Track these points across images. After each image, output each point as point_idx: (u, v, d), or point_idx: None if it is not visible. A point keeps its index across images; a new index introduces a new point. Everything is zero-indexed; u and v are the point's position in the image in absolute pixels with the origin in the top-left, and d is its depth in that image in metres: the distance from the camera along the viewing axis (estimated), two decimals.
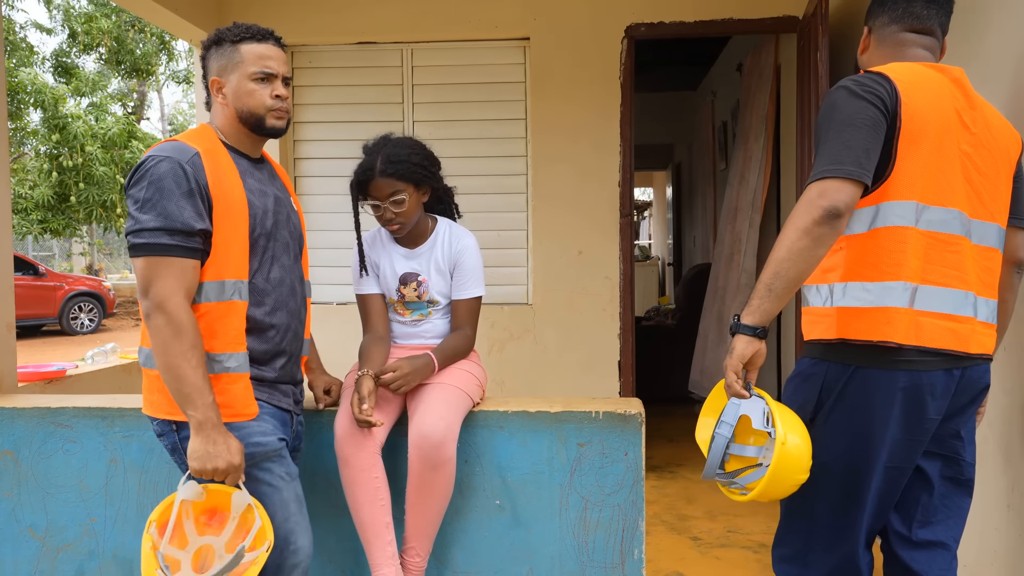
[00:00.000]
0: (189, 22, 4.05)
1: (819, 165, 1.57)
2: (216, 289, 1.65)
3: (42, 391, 3.31)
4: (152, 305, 1.58)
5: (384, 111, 4.33)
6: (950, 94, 1.65)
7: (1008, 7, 2.09)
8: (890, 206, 1.60)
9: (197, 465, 1.58)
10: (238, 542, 1.61)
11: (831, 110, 1.61)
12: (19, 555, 2.21)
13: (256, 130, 1.77)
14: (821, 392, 1.66)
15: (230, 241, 1.67)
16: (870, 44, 1.80)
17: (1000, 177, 1.69)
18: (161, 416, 1.68)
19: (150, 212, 1.58)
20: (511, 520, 2.08)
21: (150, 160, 1.61)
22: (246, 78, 1.73)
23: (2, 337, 2.64)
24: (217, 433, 1.58)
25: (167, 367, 1.57)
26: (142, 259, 1.59)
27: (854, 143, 1.55)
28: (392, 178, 2.04)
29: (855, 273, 1.63)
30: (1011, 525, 2.07)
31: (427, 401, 1.98)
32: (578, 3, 4.17)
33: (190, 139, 1.69)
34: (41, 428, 2.19)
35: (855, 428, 1.63)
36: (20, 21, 16.39)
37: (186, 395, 1.57)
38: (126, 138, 13.80)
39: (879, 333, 1.59)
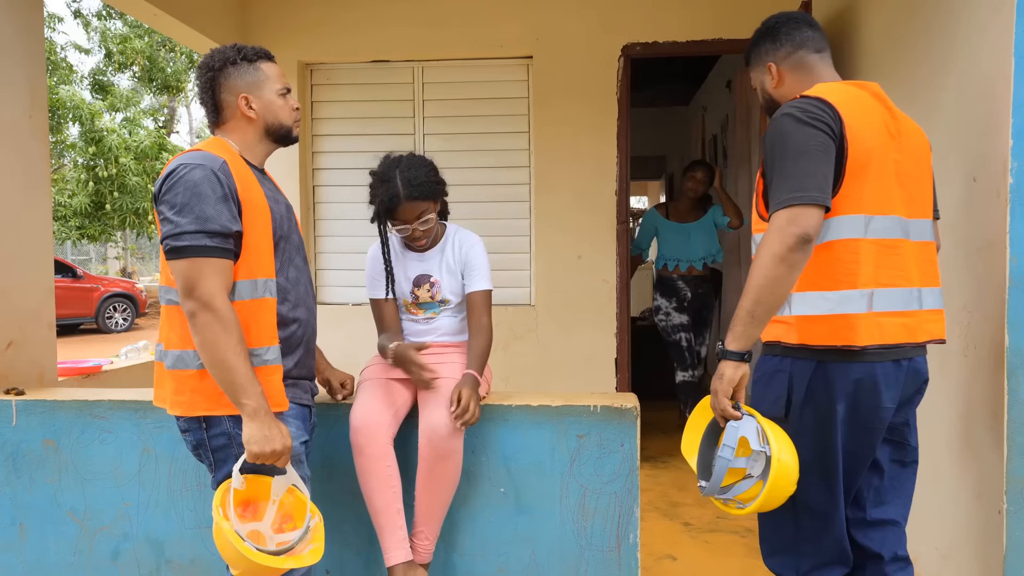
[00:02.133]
0: (216, 42, 4.07)
1: (782, 192, 1.57)
2: (249, 287, 1.64)
3: (80, 385, 3.33)
4: (198, 304, 1.54)
5: (396, 125, 4.34)
6: (876, 109, 1.69)
7: (979, 24, 2.08)
8: (841, 220, 1.62)
9: (256, 449, 1.55)
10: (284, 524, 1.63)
11: (782, 138, 1.60)
12: (60, 536, 2.22)
13: (282, 140, 1.80)
14: (789, 388, 1.67)
15: (259, 242, 1.66)
16: (783, 76, 1.81)
17: (924, 176, 1.76)
18: (196, 414, 1.64)
19: (188, 216, 1.55)
20: (514, 507, 2.08)
21: (182, 168, 1.59)
22: (274, 94, 1.76)
23: (43, 335, 2.66)
24: (270, 419, 1.57)
25: (218, 362, 1.55)
26: (185, 260, 1.56)
27: (813, 170, 1.56)
28: (417, 200, 2.03)
29: (813, 283, 1.63)
30: (981, 513, 2.06)
31: (437, 395, 1.98)
32: (577, 24, 4.17)
33: (212, 149, 1.67)
34: (80, 419, 2.20)
35: (821, 418, 1.64)
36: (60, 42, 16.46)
37: (240, 386, 1.55)
38: (157, 150, 13.85)
39: (841, 338, 1.60)
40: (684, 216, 4.44)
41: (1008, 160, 1.87)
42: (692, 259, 4.42)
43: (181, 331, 1.63)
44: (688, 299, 4.48)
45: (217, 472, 1.68)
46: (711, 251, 4.43)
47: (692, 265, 4.42)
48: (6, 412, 2.23)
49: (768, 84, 1.84)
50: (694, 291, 4.48)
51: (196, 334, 1.56)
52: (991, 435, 1.99)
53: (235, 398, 1.56)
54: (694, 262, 4.42)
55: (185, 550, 2.18)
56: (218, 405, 1.62)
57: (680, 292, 4.46)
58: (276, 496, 1.64)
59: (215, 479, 1.68)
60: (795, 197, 1.55)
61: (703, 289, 4.51)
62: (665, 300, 4.48)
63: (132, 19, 14.42)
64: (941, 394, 2.34)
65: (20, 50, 2.57)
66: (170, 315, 1.67)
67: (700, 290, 4.49)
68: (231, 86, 1.74)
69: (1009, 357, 1.88)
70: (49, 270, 2.70)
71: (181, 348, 1.64)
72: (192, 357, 1.63)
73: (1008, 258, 1.87)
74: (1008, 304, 1.87)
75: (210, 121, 1.79)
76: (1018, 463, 1.87)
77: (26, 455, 2.22)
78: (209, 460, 1.68)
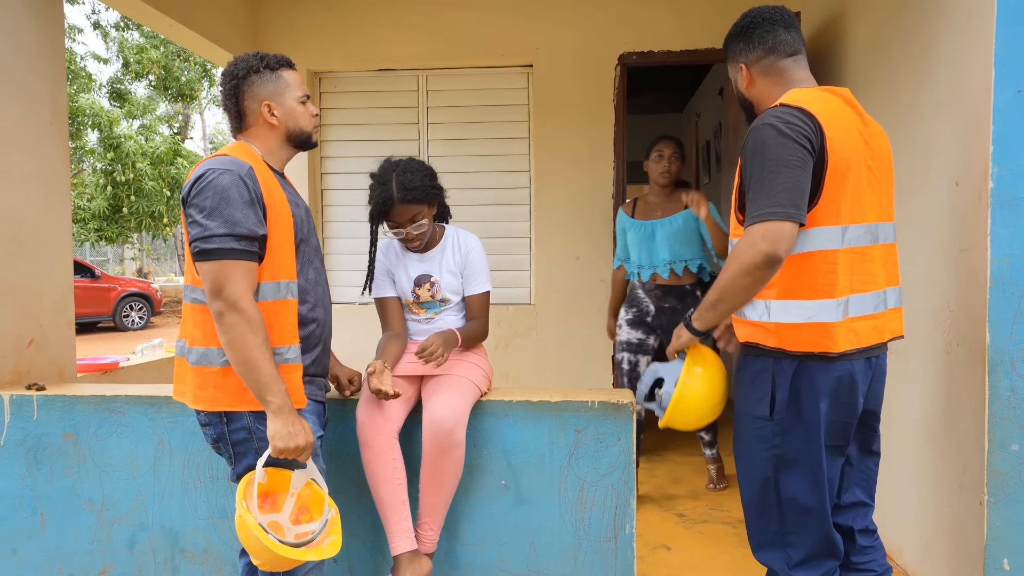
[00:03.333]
0: (229, 52, 4.08)
1: (760, 205, 1.54)
2: (272, 288, 1.64)
3: (98, 381, 3.34)
4: (226, 305, 1.54)
5: (402, 131, 4.35)
6: (851, 116, 1.65)
7: (961, 33, 2.08)
8: (820, 231, 1.59)
9: (281, 444, 1.55)
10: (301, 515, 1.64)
11: (762, 148, 1.56)
12: (79, 526, 2.23)
13: (302, 145, 1.80)
14: (773, 388, 1.65)
15: (282, 246, 1.66)
16: (754, 79, 1.77)
17: (889, 179, 1.74)
18: (219, 409, 1.63)
19: (217, 219, 1.55)
20: (515, 498, 2.08)
21: (211, 173, 1.58)
22: (295, 101, 1.76)
23: (63, 333, 2.67)
24: (293, 415, 1.57)
25: (245, 360, 1.54)
26: (213, 263, 1.55)
27: (791, 184, 1.53)
28: (411, 204, 2.03)
29: (791, 292, 1.61)
30: (962, 502, 2.06)
31: (440, 391, 1.98)
32: (576, 34, 4.17)
33: (238, 155, 1.66)
34: (97, 414, 2.21)
35: (806, 416, 1.63)
36: (80, 52, 16.48)
37: (265, 384, 1.54)
38: (172, 156, 13.89)
39: (818, 345, 1.60)
40: (650, 212, 3.30)
41: (989, 165, 1.87)
42: (655, 264, 3.24)
43: (205, 329, 1.63)
44: (651, 314, 3.26)
45: (236, 465, 1.67)
46: (683, 254, 3.21)
47: (656, 272, 3.24)
48: (28, 407, 2.23)
49: (740, 84, 1.82)
50: (658, 305, 3.25)
51: (223, 333, 1.55)
52: (973, 429, 1.99)
53: (260, 395, 1.55)
54: (658, 268, 3.24)
55: (198, 539, 2.18)
56: (240, 401, 1.62)
57: (640, 304, 3.29)
58: (295, 489, 1.64)
59: (234, 472, 1.67)
60: (771, 212, 1.52)
61: (670, 303, 3.23)
62: (624, 310, 3.36)
63: (149, 30, 14.44)
64: (925, 390, 2.34)
65: (42, 60, 2.58)
66: (194, 313, 1.66)
67: (666, 304, 3.24)
68: (254, 94, 1.73)
69: (990, 354, 1.88)
70: (69, 271, 2.70)
71: (205, 345, 1.63)
72: (216, 354, 1.62)
73: (989, 259, 1.87)
74: (989, 304, 1.87)
75: (233, 127, 1.78)
76: (998, 456, 1.87)
77: (47, 448, 2.23)
78: (229, 453, 1.67)
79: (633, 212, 3.36)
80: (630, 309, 3.34)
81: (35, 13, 2.55)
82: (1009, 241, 1.85)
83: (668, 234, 3.21)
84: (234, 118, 1.76)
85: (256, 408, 1.61)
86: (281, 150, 1.78)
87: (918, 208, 2.38)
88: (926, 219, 2.32)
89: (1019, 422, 1.86)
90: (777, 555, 1.71)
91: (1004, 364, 1.86)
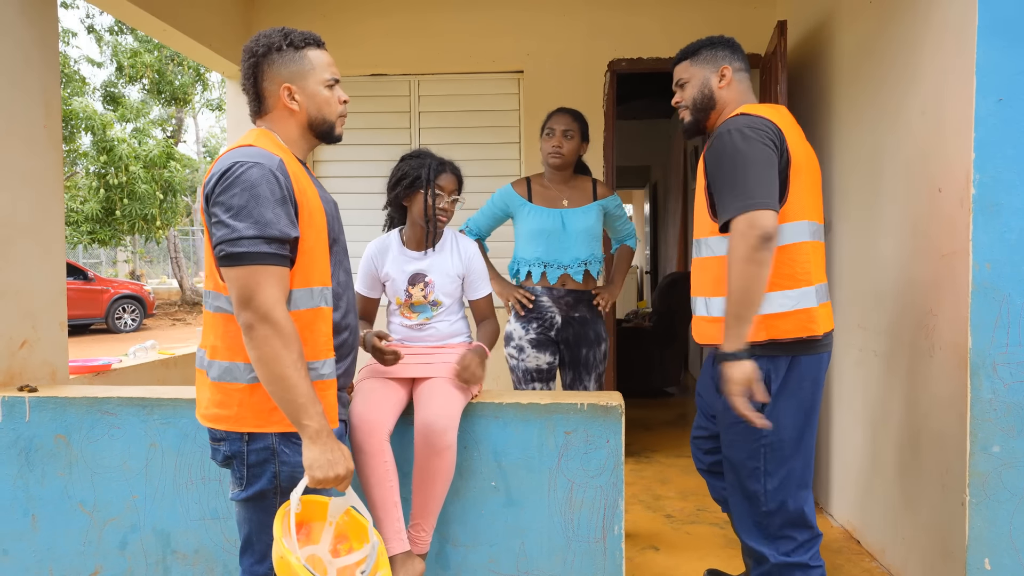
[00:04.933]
0: (222, 56, 4.06)
1: (736, 201, 1.68)
2: (305, 296, 1.45)
3: (90, 383, 3.31)
4: (257, 316, 1.34)
5: (394, 135, 4.34)
6: (795, 125, 1.86)
7: (943, 41, 2.10)
8: (792, 226, 1.75)
9: (320, 475, 1.37)
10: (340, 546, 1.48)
11: (732, 152, 1.71)
12: (71, 527, 2.21)
13: (324, 136, 1.59)
14: (768, 382, 1.77)
15: (315, 247, 1.47)
16: (732, 82, 1.94)
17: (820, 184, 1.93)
18: (244, 430, 1.44)
19: (246, 220, 1.35)
20: (505, 500, 2.08)
21: (238, 166, 1.37)
22: (320, 85, 1.54)
23: (56, 335, 2.64)
24: (332, 440, 1.38)
25: (278, 378, 1.34)
26: (242, 268, 1.34)
27: (763, 179, 1.68)
28: (456, 179, 2.18)
29: (775, 285, 1.73)
30: (944, 502, 2.08)
31: (430, 394, 1.98)
32: (566, 40, 4.18)
33: (265, 145, 1.46)
34: (89, 415, 2.19)
35: (798, 404, 1.78)
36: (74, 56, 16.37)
37: (300, 406, 1.35)
38: (165, 159, 13.80)
39: (806, 330, 1.75)
40: (553, 199, 2.65)
41: (971, 172, 1.89)
42: (566, 264, 2.62)
43: (229, 341, 1.44)
44: (556, 327, 2.64)
45: (248, 488, 1.45)
46: (597, 253, 2.68)
47: (567, 274, 2.63)
48: (19, 408, 2.21)
49: (715, 83, 1.94)
50: (566, 315, 2.64)
51: (253, 348, 1.35)
52: (955, 431, 2.01)
53: (295, 418, 1.37)
54: (570, 269, 2.62)
55: (190, 541, 2.16)
56: (268, 422, 1.43)
57: (544, 315, 2.62)
58: (333, 518, 1.48)
59: (244, 493, 1.46)
60: (749, 204, 1.66)
61: (580, 312, 2.65)
62: (520, 325, 2.63)
63: (142, 34, 14.35)
64: (909, 392, 2.35)
65: (36, 63, 2.56)
66: (216, 322, 1.46)
67: (576, 314, 2.64)
68: (274, 74, 1.52)
69: (972, 358, 1.89)
70: (61, 273, 2.68)
71: (230, 359, 1.44)
72: (243, 370, 1.43)
73: (971, 264, 1.89)
74: (971, 308, 1.89)
75: (252, 110, 1.57)
76: (980, 457, 1.88)
77: (38, 449, 2.20)
78: (241, 475, 1.46)
79: (530, 195, 2.67)
80: (531, 323, 2.62)
81: (28, 16, 2.53)
82: (990, 246, 1.87)
83: (585, 228, 2.62)
84: (253, 100, 1.55)
85: (285, 429, 1.44)
86: (302, 139, 1.57)
87: (902, 213, 2.40)
88: (909, 224, 2.34)
89: (1000, 424, 1.87)
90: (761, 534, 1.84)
91: (986, 367, 1.88)
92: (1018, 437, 1.87)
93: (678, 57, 2.01)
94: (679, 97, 2.00)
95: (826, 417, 3.15)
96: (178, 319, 15.18)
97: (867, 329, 2.70)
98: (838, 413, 3.02)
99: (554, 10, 4.20)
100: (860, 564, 2.60)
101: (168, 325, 14.44)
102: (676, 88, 2.01)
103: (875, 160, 2.63)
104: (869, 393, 2.69)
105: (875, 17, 2.65)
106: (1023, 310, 1.85)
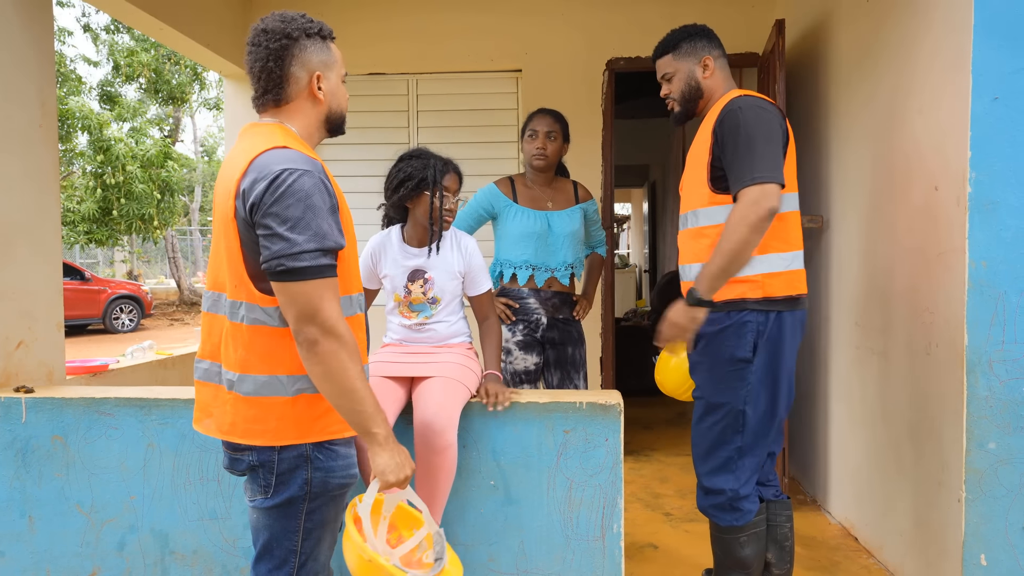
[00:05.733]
0: (220, 56, 4.06)
1: (752, 171, 1.82)
2: (345, 304, 1.43)
3: (87, 383, 3.31)
4: (322, 331, 1.32)
5: (392, 134, 4.34)
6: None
7: (940, 42, 2.11)
8: (789, 196, 1.94)
9: (392, 478, 1.40)
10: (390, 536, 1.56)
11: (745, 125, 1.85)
12: (68, 528, 2.21)
13: (335, 130, 1.56)
14: (756, 335, 1.93)
15: (350, 255, 1.45)
16: (714, 71, 2.06)
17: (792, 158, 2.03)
18: (284, 443, 1.40)
19: (305, 232, 1.30)
20: (504, 498, 2.08)
21: (288, 174, 1.31)
22: (339, 79, 1.52)
23: (52, 335, 2.64)
24: (397, 445, 1.42)
25: (346, 391, 1.34)
26: (305, 283, 1.31)
27: (773, 154, 1.83)
28: (459, 177, 2.18)
29: (771, 247, 1.91)
30: (942, 499, 2.08)
31: (429, 393, 1.98)
32: (565, 39, 4.19)
33: (297, 146, 1.40)
34: (87, 416, 2.19)
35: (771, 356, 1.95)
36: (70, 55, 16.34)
37: (370, 415, 1.37)
38: (162, 159, 13.78)
39: (794, 288, 1.94)
40: (538, 201, 2.66)
41: (967, 170, 1.90)
42: (554, 266, 2.64)
43: (267, 354, 1.39)
44: (541, 328, 2.65)
45: (276, 494, 1.42)
46: (580, 257, 2.75)
47: (554, 276, 2.65)
48: (16, 409, 2.21)
49: (699, 73, 2.05)
50: (551, 317, 2.66)
51: (318, 363, 1.33)
52: (951, 428, 2.02)
53: (364, 428, 1.38)
54: (557, 271, 2.65)
55: (188, 541, 2.17)
56: (309, 432, 1.41)
57: (531, 316, 2.64)
58: (388, 512, 1.54)
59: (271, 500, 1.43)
60: (762, 176, 1.80)
61: (564, 314, 2.70)
62: (507, 328, 2.64)
63: (139, 33, 14.34)
64: (906, 390, 2.36)
65: (31, 63, 2.56)
66: (250, 335, 1.39)
67: (560, 315, 2.68)
68: (305, 60, 1.44)
69: (968, 356, 1.90)
70: (58, 273, 2.67)
71: (268, 373, 1.40)
72: (286, 384, 1.39)
73: (967, 263, 1.90)
74: (967, 306, 1.90)
75: (269, 98, 1.46)
76: (976, 454, 1.89)
77: (35, 450, 2.20)
78: (268, 482, 1.42)
79: (515, 195, 2.66)
80: (518, 325, 2.62)
81: (23, 15, 2.53)
82: (986, 244, 1.88)
83: (571, 231, 2.64)
84: (273, 86, 1.44)
85: (327, 438, 1.43)
86: (316, 133, 1.52)
87: (899, 211, 2.41)
88: (906, 222, 2.34)
89: (996, 421, 1.88)
90: (729, 477, 2.00)
91: (982, 365, 1.89)
92: (1014, 434, 1.88)
93: (658, 51, 2.11)
94: (667, 90, 2.12)
95: (824, 414, 3.16)
96: (176, 319, 15.17)
97: (864, 327, 2.70)
98: (836, 410, 3.03)
99: (552, 9, 4.20)
100: (857, 561, 2.61)
101: (166, 325, 14.42)
102: (662, 81, 2.12)
103: (872, 158, 2.64)
104: (866, 390, 2.70)
105: (872, 16, 2.66)
106: (1019, 307, 1.86)
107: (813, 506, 3.20)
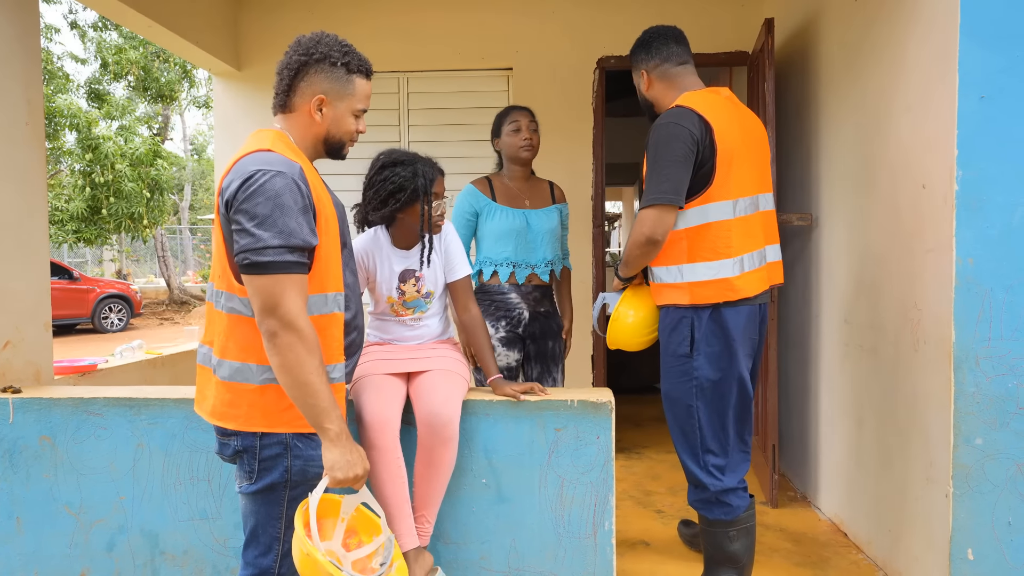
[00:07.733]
0: (209, 53, 4.03)
1: (650, 192, 1.95)
2: (320, 302, 1.50)
3: (76, 383, 3.28)
4: (281, 324, 1.39)
5: (383, 133, 4.33)
6: (732, 110, 2.04)
7: (926, 41, 2.12)
8: (715, 206, 1.98)
9: (340, 475, 1.43)
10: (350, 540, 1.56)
11: (655, 146, 1.95)
12: (56, 530, 2.19)
13: (332, 153, 1.64)
14: (692, 331, 2.04)
15: (329, 254, 1.52)
16: (652, 82, 2.15)
17: (764, 157, 2.12)
18: (253, 429, 1.48)
19: (271, 229, 1.38)
20: (496, 497, 2.08)
21: (260, 175, 1.40)
22: (349, 111, 1.60)
23: (40, 335, 2.62)
24: (351, 443, 1.45)
25: (301, 384, 1.40)
26: (266, 277, 1.39)
27: (675, 176, 1.92)
28: (442, 177, 2.17)
29: (697, 256, 2.01)
30: (929, 494, 2.10)
31: (432, 385, 1.98)
32: (555, 38, 4.18)
33: (284, 151, 1.49)
34: (75, 416, 2.17)
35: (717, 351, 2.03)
36: (57, 52, 16.19)
37: (323, 410, 1.41)
38: (152, 157, 13.67)
39: (721, 296, 2.00)
40: (516, 199, 2.66)
41: (954, 168, 1.91)
42: (534, 263, 2.64)
43: (242, 342, 1.48)
44: (523, 323, 2.64)
45: (258, 481, 1.50)
46: (559, 253, 2.74)
47: (535, 273, 2.65)
48: (3, 410, 2.19)
49: (641, 87, 2.18)
50: (533, 310, 2.66)
51: (276, 355, 1.40)
52: (939, 424, 2.03)
53: (317, 422, 1.42)
54: (537, 268, 2.65)
55: (179, 541, 2.15)
56: (277, 422, 1.49)
57: (512, 312, 2.62)
58: (345, 515, 1.55)
59: (254, 486, 1.51)
60: (657, 198, 1.93)
61: (545, 307, 2.70)
62: (489, 324, 2.60)
63: (127, 31, 14.23)
64: (894, 386, 2.38)
65: (17, 60, 2.53)
66: (228, 323, 1.49)
67: (541, 309, 2.69)
68: (314, 81, 1.55)
69: (955, 352, 1.92)
70: (45, 272, 2.65)
71: (241, 360, 1.49)
72: (255, 371, 1.48)
73: (954, 260, 1.91)
74: (954, 303, 1.91)
75: (277, 102, 1.59)
76: (963, 450, 1.91)
77: (23, 451, 2.18)
78: (251, 468, 1.50)
79: (493, 194, 2.66)
80: (501, 321, 2.61)
81: (8, 12, 2.50)
82: (973, 242, 1.89)
83: (549, 229, 2.66)
84: (282, 92, 1.58)
85: (295, 430, 1.49)
86: (312, 148, 1.61)
87: (887, 209, 2.42)
88: (894, 220, 2.36)
89: (983, 417, 1.90)
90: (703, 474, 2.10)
91: (969, 361, 1.90)
92: (1000, 429, 1.90)
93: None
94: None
95: (813, 411, 3.18)
96: (166, 318, 15.08)
97: (852, 324, 2.72)
98: (824, 407, 3.05)
99: (543, 7, 4.20)
100: (847, 556, 2.63)
101: (155, 324, 14.33)
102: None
103: (861, 156, 2.65)
104: (855, 387, 2.72)
105: (861, 15, 2.67)
106: (1005, 304, 1.88)
107: (803, 502, 3.22)
